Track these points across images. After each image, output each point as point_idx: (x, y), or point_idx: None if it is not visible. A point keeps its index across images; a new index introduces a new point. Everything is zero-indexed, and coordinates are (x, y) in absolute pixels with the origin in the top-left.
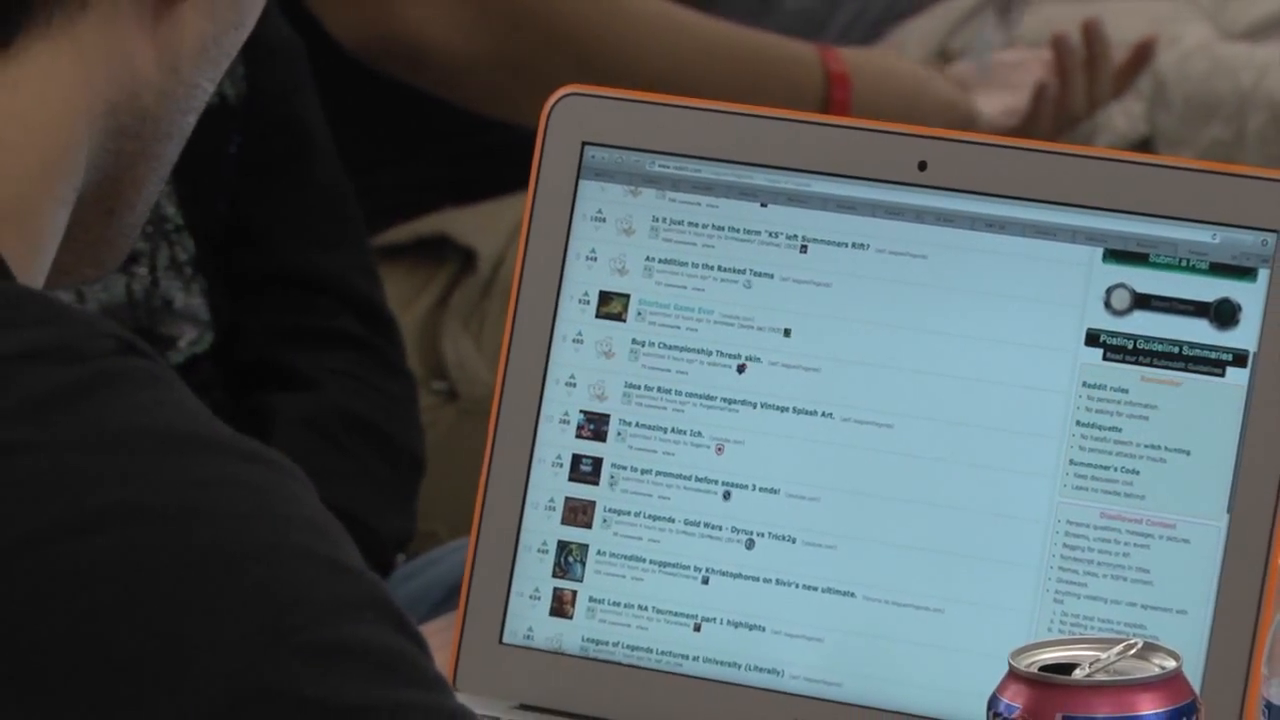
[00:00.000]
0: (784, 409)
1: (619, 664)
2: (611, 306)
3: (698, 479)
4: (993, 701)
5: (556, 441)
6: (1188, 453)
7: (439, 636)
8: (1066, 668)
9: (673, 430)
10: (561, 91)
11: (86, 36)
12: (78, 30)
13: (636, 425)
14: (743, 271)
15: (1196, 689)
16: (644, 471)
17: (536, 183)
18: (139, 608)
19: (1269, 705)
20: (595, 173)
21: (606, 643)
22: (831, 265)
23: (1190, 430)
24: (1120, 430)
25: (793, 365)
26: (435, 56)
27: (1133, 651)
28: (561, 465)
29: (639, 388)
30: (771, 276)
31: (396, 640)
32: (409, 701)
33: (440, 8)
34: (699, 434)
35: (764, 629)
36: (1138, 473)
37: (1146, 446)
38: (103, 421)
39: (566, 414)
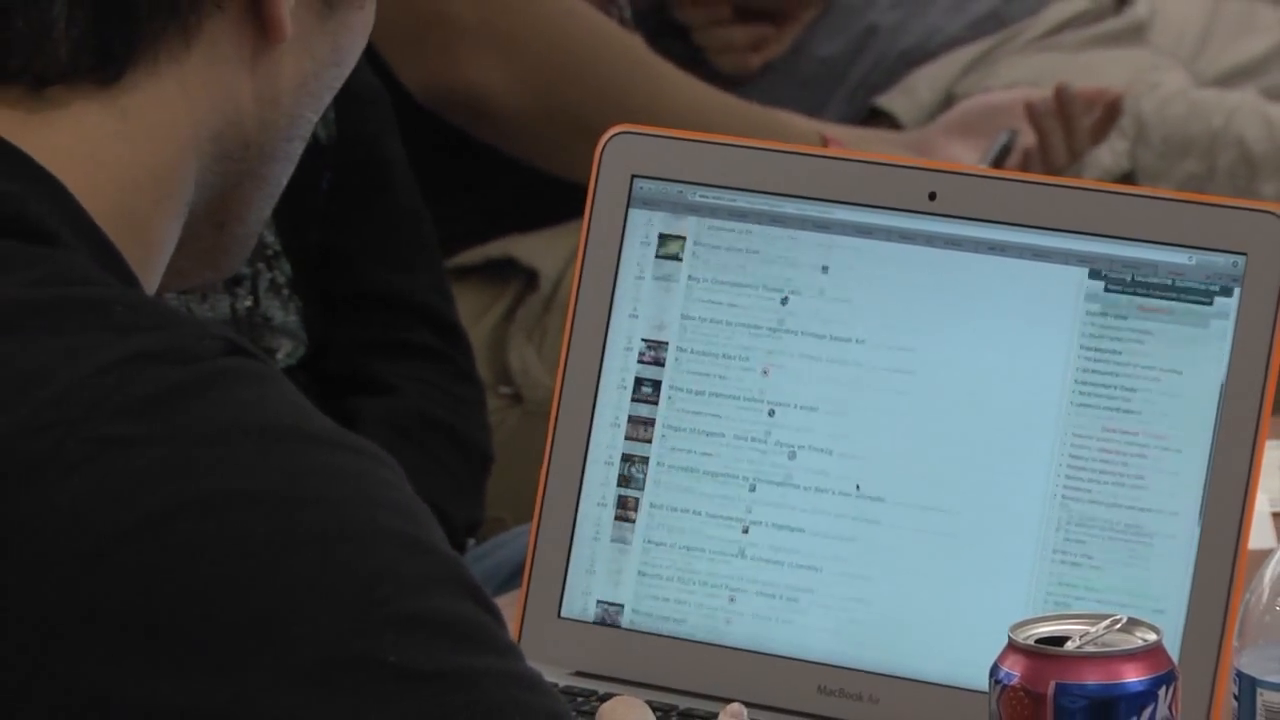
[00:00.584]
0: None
1: (663, 636)
2: (656, 322)
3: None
4: (994, 670)
5: (609, 442)
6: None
7: (504, 612)
8: (1059, 640)
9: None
10: (613, 130)
11: (190, 73)
12: (182, 68)
13: (682, 398)
14: (774, 290)
15: (1175, 660)
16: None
17: (591, 211)
18: (247, 581)
19: (1239, 674)
20: (643, 202)
21: (652, 616)
22: (851, 283)
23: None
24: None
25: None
26: (488, 109)
27: (1118, 626)
28: (612, 464)
29: (682, 390)
30: (799, 294)
31: (475, 612)
32: (485, 667)
33: (491, 68)
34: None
35: (806, 530)
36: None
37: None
38: (214, 416)
39: (617, 418)
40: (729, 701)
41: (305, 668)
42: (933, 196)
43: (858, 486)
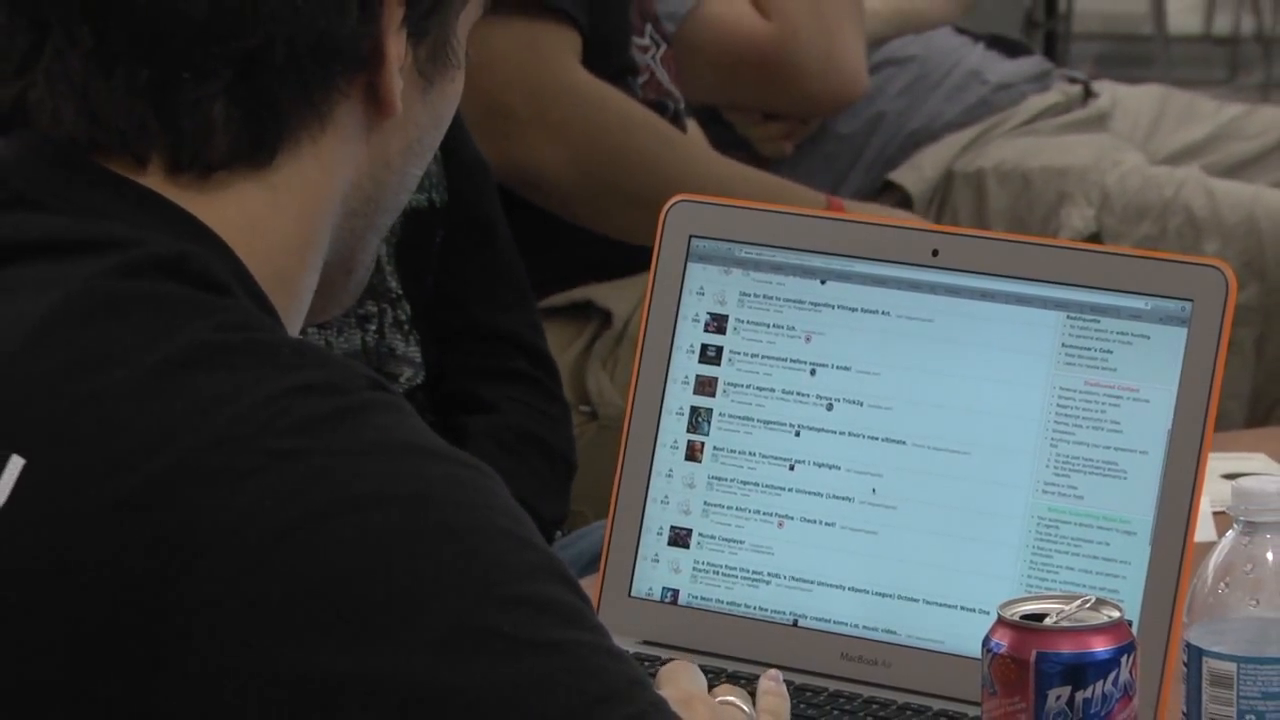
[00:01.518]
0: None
1: (712, 612)
2: (709, 355)
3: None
4: (985, 641)
5: (670, 457)
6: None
7: (586, 590)
8: (1039, 617)
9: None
10: (675, 199)
11: (325, 150)
12: (318, 146)
13: (728, 422)
14: (803, 330)
15: (1134, 633)
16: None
17: (656, 264)
18: (389, 568)
19: (1188, 645)
20: (699, 257)
21: (704, 597)
22: (869, 325)
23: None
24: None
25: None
26: (544, 185)
27: (1087, 605)
28: (672, 476)
29: (729, 417)
30: (824, 334)
31: (569, 596)
32: (579, 639)
33: (545, 151)
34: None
35: (852, 499)
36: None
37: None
38: (359, 436)
39: (676, 440)
40: (768, 665)
41: (439, 637)
42: (935, 253)
43: (878, 482)
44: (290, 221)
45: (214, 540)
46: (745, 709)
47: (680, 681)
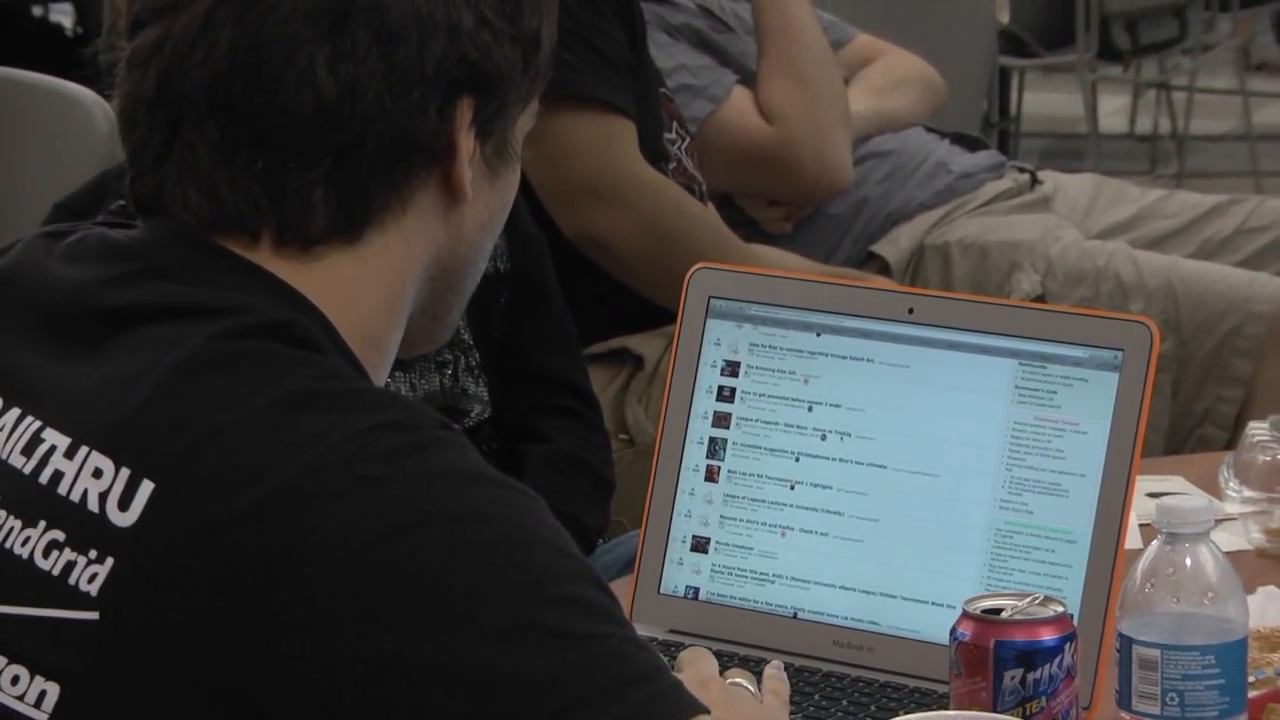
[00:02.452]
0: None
1: (727, 607)
2: (724, 394)
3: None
4: (952, 631)
5: (692, 479)
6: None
7: (621, 589)
8: (997, 610)
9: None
10: (697, 266)
11: (407, 228)
12: (401, 225)
13: (740, 450)
14: (803, 375)
15: (1075, 625)
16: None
17: (682, 319)
18: (453, 573)
19: (1120, 635)
20: (716, 314)
21: (720, 594)
22: (856, 370)
23: (1078, 415)
24: (1037, 415)
25: (835, 430)
26: (610, 249)
27: (1037, 601)
28: (694, 494)
29: (740, 445)
30: (819, 378)
31: (601, 597)
32: (611, 633)
33: (618, 224)
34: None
35: (842, 513)
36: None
37: (1052, 424)
38: (431, 466)
39: (697, 465)
40: (773, 651)
41: (497, 630)
42: (911, 311)
43: (864, 499)
44: (378, 289)
45: (311, 550)
46: (751, 689)
47: (697, 665)
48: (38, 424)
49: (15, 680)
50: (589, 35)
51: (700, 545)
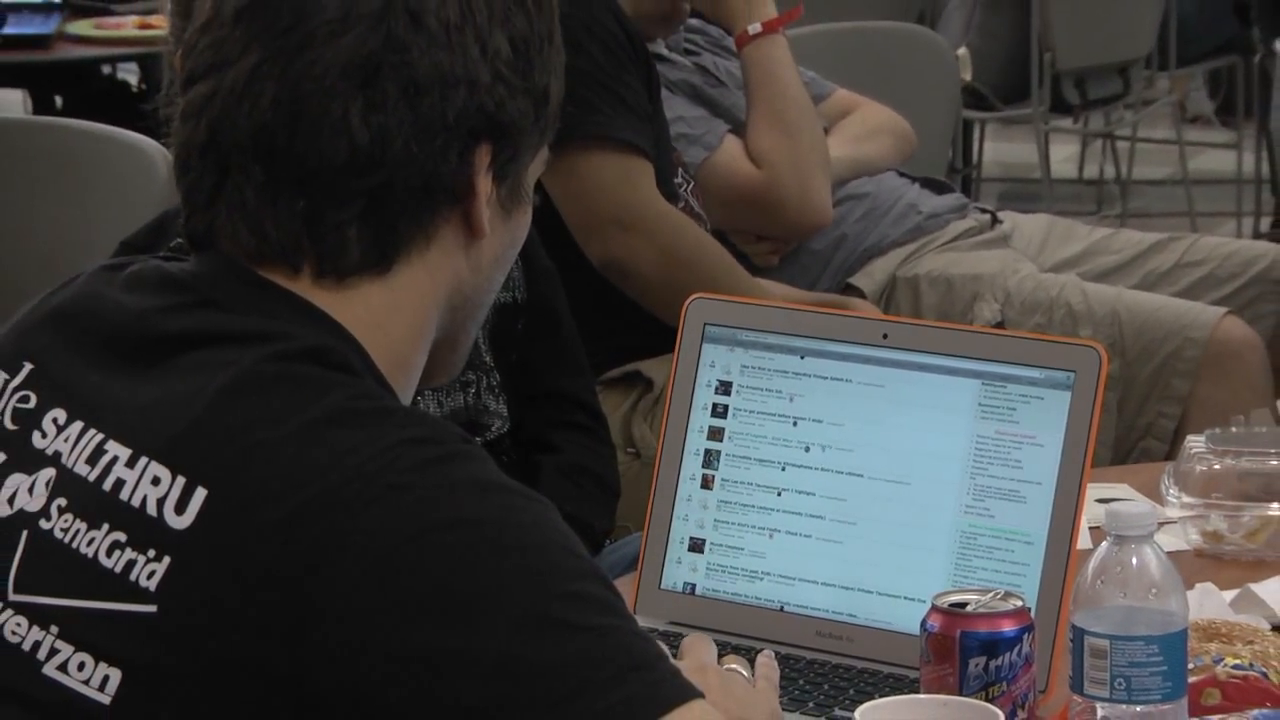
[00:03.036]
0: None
1: (722, 601)
2: (718, 411)
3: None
4: (923, 623)
5: (689, 488)
6: (1034, 438)
7: (626, 585)
8: (963, 605)
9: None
10: (694, 296)
11: (431, 260)
12: (425, 258)
13: (732, 461)
14: (788, 394)
15: (1033, 617)
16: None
17: (680, 345)
18: (474, 570)
19: (1073, 626)
20: (711, 339)
21: (715, 589)
22: (837, 390)
23: (1035, 429)
24: (998, 429)
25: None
26: (635, 277)
27: (999, 596)
28: (691, 500)
29: (731, 456)
30: (804, 396)
31: (606, 592)
32: (614, 625)
33: (640, 252)
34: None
35: (823, 517)
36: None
37: (1011, 437)
38: (454, 475)
39: (694, 474)
40: (762, 641)
41: (513, 622)
42: (885, 336)
43: (843, 505)
44: (406, 316)
45: (346, 550)
46: (745, 674)
47: (697, 651)
48: (100, 436)
49: (81, 666)
50: (614, 85)
51: (697, 546)
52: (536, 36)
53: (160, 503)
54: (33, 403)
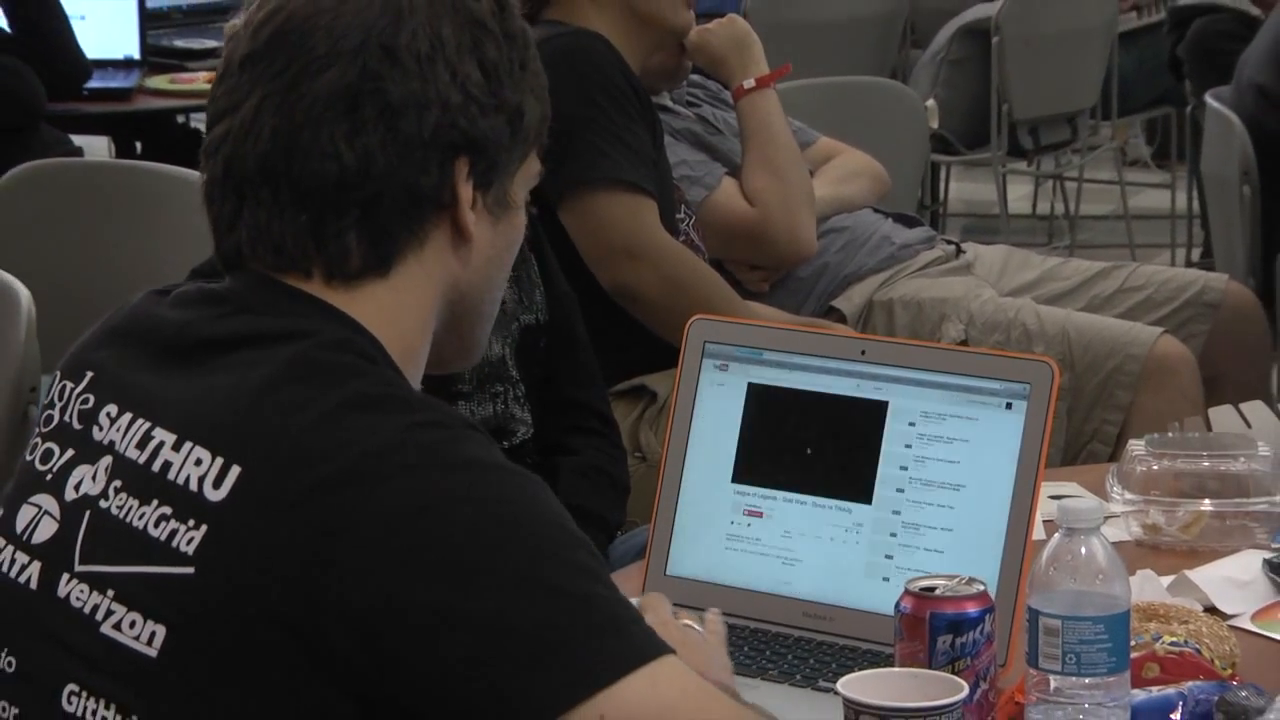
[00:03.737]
0: None
1: (721, 585)
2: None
3: None
4: (896, 605)
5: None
6: (995, 444)
7: (634, 572)
8: (932, 589)
9: None
10: (694, 318)
11: (426, 261)
12: (420, 259)
13: None
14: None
15: (993, 600)
16: None
17: (682, 362)
18: (476, 539)
19: (1029, 608)
20: (710, 356)
21: (716, 576)
22: (820, 401)
23: (994, 433)
24: (969, 396)
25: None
26: (643, 301)
27: (963, 582)
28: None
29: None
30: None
31: (591, 561)
32: (597, 590)
33: (646, 280)
34: None
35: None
36: (977, 418)
37: (981, 404)
38: (458, 455)
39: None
40: (756, 620)
41: (509, 584)
42: (863, 352)
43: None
44: (410, 311)
45: (362, 520)
46: (698, 628)
47: (657, 609)
48: (148, 425)
49: (133, 624)
50: (623, 134)
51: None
52: (506, 61)
53: (200, 480)
54: (91, 403)
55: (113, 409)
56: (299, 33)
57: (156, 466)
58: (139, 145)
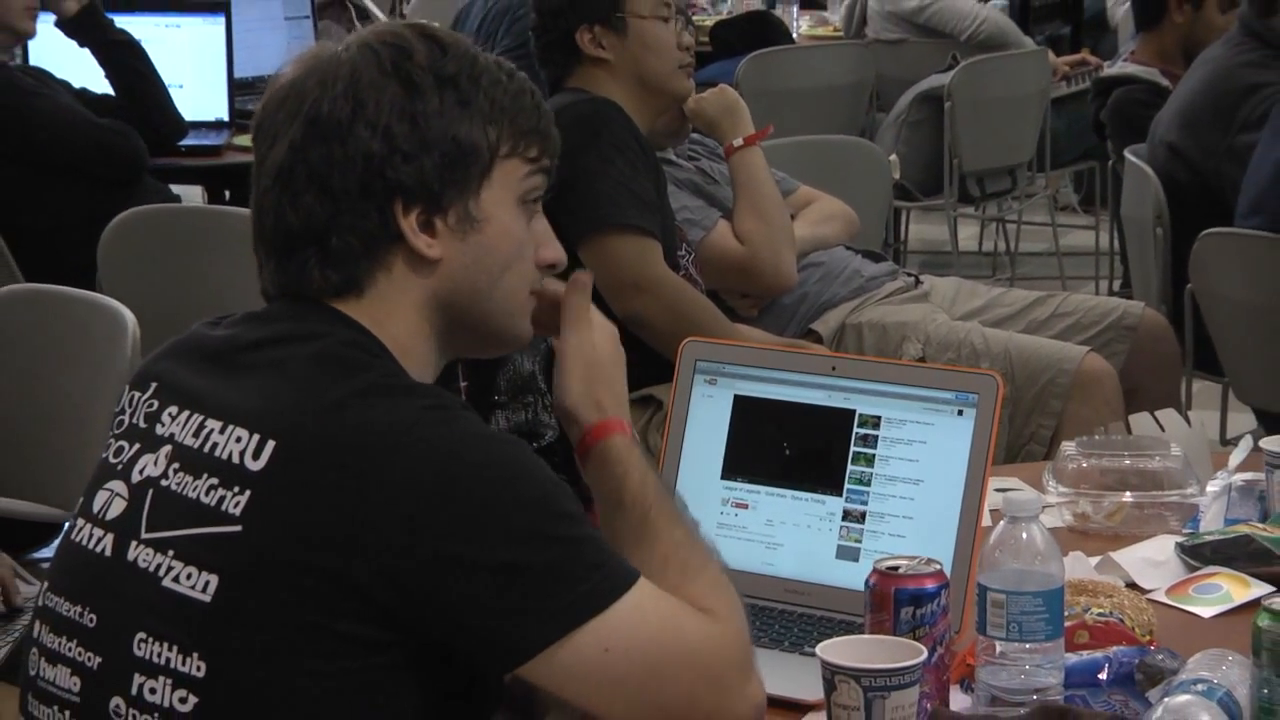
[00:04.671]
0: None
1: None
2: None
3: None
4: (866, 581)
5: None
6: (948, 446)
7: None
8: (896, 568)
9: None
10: (687, 340)
11: (396, 283)
12: (391, 280)
13: None
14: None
15: (948, 577)
16: None
17: (676, 379)
18: (481, 496)
19: (979, 585)
20: (701, 373)
21: None
22: (796, 409)
23: (947, 436)
24: (926, 405)
25: None
26: (650, 328)
27: (923, 562)
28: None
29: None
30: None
31: (575, 509)
32: (583, 534)
33: (654, 310)
34: None
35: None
36: (933, 423)
37: (930, 444)
38: (457, 430)
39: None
40: (745, 596)
41: (513, 534)
42: (834, 368)
43: (809, 497)
44: (395, 320)
45: (383, 486)
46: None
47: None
48: (201, 417)
49: (189, 576)
50: (632, 186)
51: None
52: (438, 105)
53: (242, 454)
54: (155, 406)
55: (173, 409)
56: (266, 113)
57: (206, 447)
58: (228, 193)
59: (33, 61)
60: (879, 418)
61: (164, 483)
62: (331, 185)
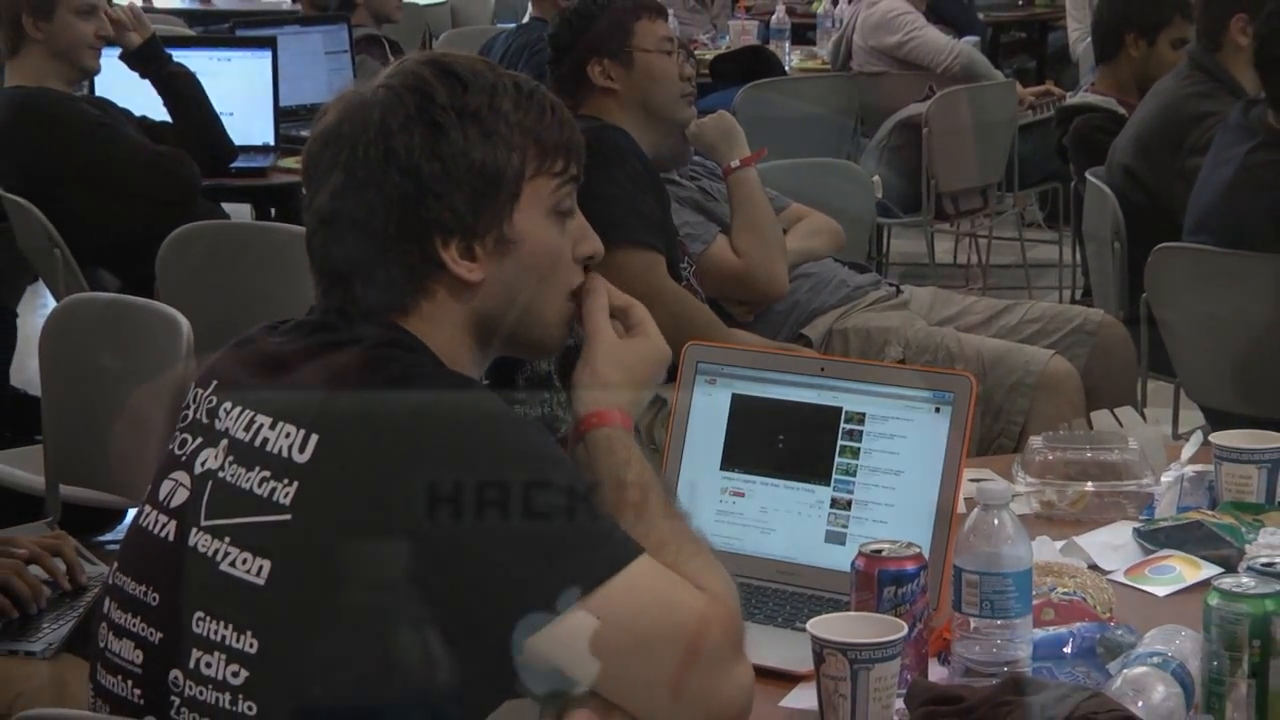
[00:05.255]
0: None
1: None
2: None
3: None
4: (852, 564)
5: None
6: (926, 440)
7: None
8: (880, 551)
9: None
10: (689, 344)
11: (438, 303)
12: (434, 301)
13: None
14: None
15: (927, 559)
16: None
17: (680, 379)
18: (504, 479)
19: (955, 567)
20: (702, 373)
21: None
22: (788, 406)
23: (925, 431)
24: (905, 404)
25: None
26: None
27: (904, 546)
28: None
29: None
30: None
31: (584, 484)
32: (596, 509)
33: (653, 314)
34: None
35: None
36: (912, 420)
37: (911, 439)
38: (481, 414)
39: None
40: (739, 576)
41: (536, 509)
42: (822, 369)
43: (798, 488)
44: (441, 332)
45: (415, 468)
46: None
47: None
48: (251, 413)
49: (244, 561)
50: (639, 205)
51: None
52: (463, 141)
53: (289, 448)
54: (214, 402)
55: (229, 405)
56: (310, 158)
57: (258, 442)
58: (273, 210)
59: (98, 92)
60: (863, 414)
61: (221, 474)
62: (372, 228)
